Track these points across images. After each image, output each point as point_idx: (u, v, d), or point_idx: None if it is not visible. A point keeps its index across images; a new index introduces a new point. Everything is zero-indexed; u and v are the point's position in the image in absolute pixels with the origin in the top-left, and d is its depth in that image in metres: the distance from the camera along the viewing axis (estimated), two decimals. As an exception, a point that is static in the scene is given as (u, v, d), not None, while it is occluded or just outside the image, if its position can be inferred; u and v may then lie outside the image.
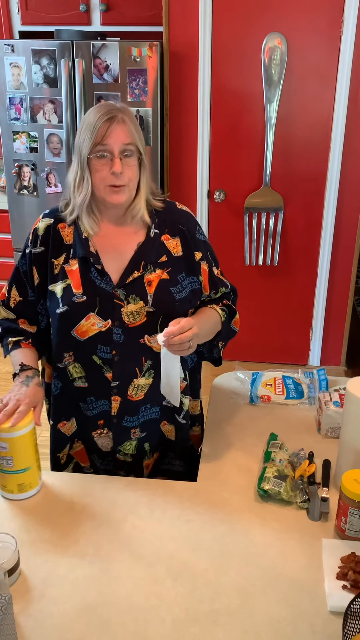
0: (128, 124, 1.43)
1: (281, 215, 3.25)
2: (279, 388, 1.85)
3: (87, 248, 1.51)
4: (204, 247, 1.62)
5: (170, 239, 1.56)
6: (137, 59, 3.06)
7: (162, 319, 1.51)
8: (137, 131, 1.46)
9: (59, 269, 1.53)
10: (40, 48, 3.13)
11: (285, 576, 1.25)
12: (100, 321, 1.50)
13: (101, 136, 1.41)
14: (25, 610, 1.18)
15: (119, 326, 1.51)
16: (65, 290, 1.52)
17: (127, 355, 1.53)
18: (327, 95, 3.06)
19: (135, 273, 1.51)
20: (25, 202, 3.44)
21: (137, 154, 1.46)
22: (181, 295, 1.55)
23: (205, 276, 1.62)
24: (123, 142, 1.42)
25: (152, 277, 1.52)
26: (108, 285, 1.51)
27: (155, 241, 1.54)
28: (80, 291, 1.51)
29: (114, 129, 1.41)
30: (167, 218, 1.57)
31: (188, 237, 1.58)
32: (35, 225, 1.57)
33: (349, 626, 1.07)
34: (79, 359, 1.55)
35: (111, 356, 1.53)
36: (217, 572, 1.26)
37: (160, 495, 1.47)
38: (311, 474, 1.47)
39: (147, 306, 1.51)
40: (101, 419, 1.60)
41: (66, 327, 1.52)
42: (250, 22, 3.00)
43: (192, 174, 3.32)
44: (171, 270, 1.54)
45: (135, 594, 1.21)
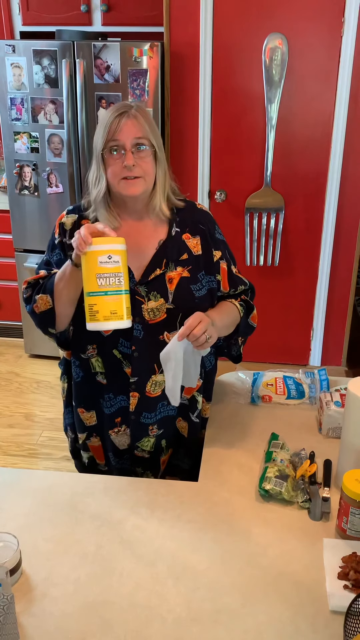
0: (140, 119, 1.46)
1: (282, 216, 3.25)
2: (280, 388, 1.85)
3: None
4: (223, 246, 1.65)
5: (191, 238, 1.58)
6: (138, 59, 3.06)
7: (182, 316, 1.53)
8: (151, 126, 1.48)
9: None
10: (42, 48, 3.13)
11: (286, 576, 1.25)
12: None
13: (113, 131, 1.44)
14: (27, 609, 1.18)
15: (140, 322, 1.53)
16: None
17: (146, 351, 1.55)
18: (328, 96, 3.06)
19: (158, 270, 1.54)
20: (26, 203, 3.44)
21: (150, 148, 1.48)
22: (200, 293, 1.58)
23: (225, 275, 1.64)
24: (135, 135, 1.45)
25: (174, 274, 1.55)
26: (130, 282, 1.50)
27: (176, 239, 1.57)
28: None
29: (125, 124, 1.44)
30: (187, 217, 1.59)
31: (208, 237, 1.60)
32: (59, 220, 1.60)
33: (350, 626, 1.08)
34: (101, 352, 1.57)
35: (131, 351, 1.55)
36: (219, 571, 1.26)
37: (161, 495, 1.47)
38: (312, 474, 1.48)
39: (167, 303, 1.53)
40: (118, 417, 1.62)
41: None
42: (251, 22, 3.00)
43: (193, 174, 3.32)
44: (192, 268, 1.57)
45: (136, 593, 1.21)
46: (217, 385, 1.92)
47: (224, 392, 1.88)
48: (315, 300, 3.47)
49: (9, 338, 4.05)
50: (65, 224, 1.58)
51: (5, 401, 3.36)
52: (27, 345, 3.81)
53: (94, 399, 1.64)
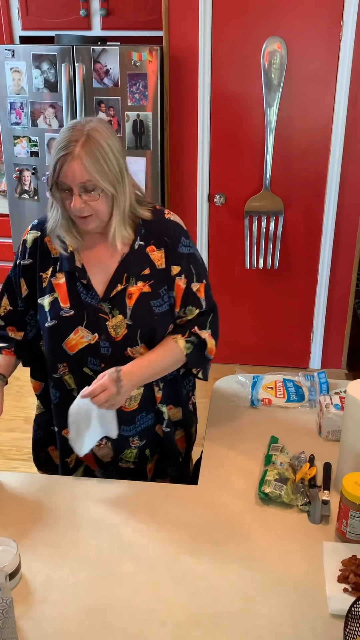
0: (86, 160, 1.33)
1: (281, 219, 3.25)
2: (279, 391, 1.85)
3: (72, 262, 1.50)
4: (185, 260, 1.55)
5: (156, 250, 1.52)
6: (137, 63, 3.07)
7: (141, 332, 1.51)
8: (99, 165, 1.35)
9: (46, 282, 1.53)
10: (41, 53, 3.14)
11: (286, 579, 1.25)
12: (89, 334, 1.51)
13: (58, 173, 1.36)
14: (27, 613, 1.18)
15: (106, 339, 1.51)
16: (52, 304, 1.52)
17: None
18: (327, 99, 3.07)
19: (119, 286, 1.50)
20: (26, 207, 3.45)
21: (98, 190, 1.37)
22: (161, 309, 1.53)
23: (179, 292, 1.55)
24: (80, 181, 1.35)
25: (133, 289, 1.50)
26: (93, 299, 1.50)
27: (139, 253, 1.51)
28: (68, 305, 1.51)
29: (69, 167, 1.34)
30: (153, 229, 1.52)
31: (170, 250, 1.53)
32: (24, 236, 1.57)
33: (350, 629, 1.08)
34: (72, 370, 1.56)
35: (100, 369, 1.52)
36: (218, 575, 1.26)
37: (161, 499, 1.47)
38: (312, 477, 1.48)
39: (126, 319, 1.50)
40: None
41: (56, 340, 1.53)
42: (250, 26, 3.01)
43: (193, 177, 3.33)
44: (153, 282, 1.51)
45: (136, 597, 1.21)
46: (216, 389, 1.92)
47: (223, 395, 1.88)
48: (315, 303, 3.47)
49: (9, 342, 4.04)
50: (27, 242, 1.55)
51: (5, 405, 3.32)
52: (27, 349, 3.81)
53: None
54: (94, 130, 1.36)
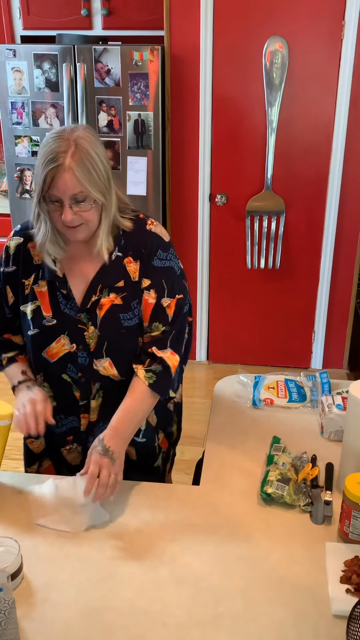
0: (76, 170, 1.30)
1: (283, 219, 3.25)
2: (281, 391, 1.85)
3: (54, 271, 1.48)
4: (158, 274, 1.50)
5: (132, 262, 1.49)
6: (139, 63, 3.07)
7: (107, 344, 1.50)
8: (89, 175, 1.32)
9: (29, 289, 1.51)
10: (42, 52, 3.14)
11: (288, 580, 1.25)
12: (69, 343, 1.51)
13: (47, 185, 1.32)
14: (29, 614, 1.17)
15: (83, 349, 1.51)
16: (35, 312, 1.51)
17: (92, 377, 1.53)
18: (329, 99, 3.07)
19: (93, 297, 1.48)
20: (27, 206, 3.45)
21: (89, 201, 1.35)
22: (130, 323, 1.50)
23: (147, 307, 1.50)
24: (71, 192, 1.32)
25: (105, 301, 1.48)
26: (72, 309, 1.49)
27: (115, 264, 1.48)
28: (50, 314, 1.50)
29: (60, 179, 1.31)
30: (133, 240, 1.49)
31: (144, 263, 1.49)
32: (7, 242, 1.54)
33: (352, 630, 1.07)
34: (49, 378, 1.55)
35: (78, 377, 1.53)
36: (220, 575, 1.26)
37: (163, 499, 1.47)
38: (314, 477, 1.47)
39: (95, 329, 1.49)
40: (70, 435, 1.62)
41: (37, 348, 1.53)
42: (251, 26, 3.00)
43: (194, 177, 3.32)
44: (126, 295, 1.49)
45: (138, 598, 1.21)
46: (218, 389, 1.91)
47: (225, 395, 1.88)
48: (317, 303, 3.47)
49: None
50: (9, 248, 1.52)
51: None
52: (28, 348, 3.81)
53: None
54: (81, 138, 1.32)
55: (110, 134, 3.21)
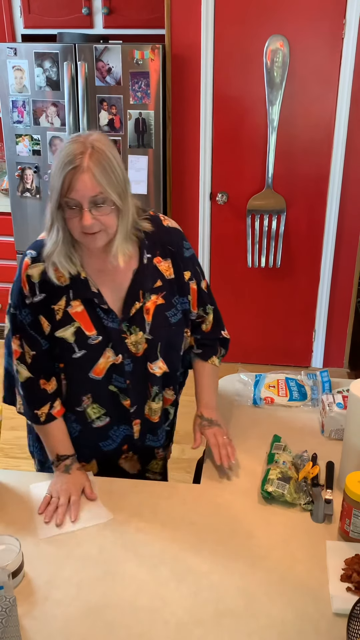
0: (95, 171, 1.28)
1: (283, 217, 3.25)
2: (282, 390, 1.85)
3: (88, 289, 1.45)
4: (191, 263, 1.56)
5: (162, 261, 1.50)
6: (140, 61, 3.07)
7: (161, 345, 1.51)
8: (108, 176, 1.30)
9: (61, 314, 1.45)
10: (43, 51, 3.14)
11: (289, 578, 1.25)
12: (113, 354, 1.49)
13: (66, 189, 1.29)
14: (30, 612, 1.18)
15: (128, 357, 1.50)
16: (77, 334, 1.46)
17: (139, 381, 1.53)
18: (330, 98, 3.06)
19: (137, 304, 1.48)
20: (28, 205, 3.45)
21: (109, 203, 1.32)
22: (176, 319, 1.54)
23: (194, 295, 1.58)
24: (90, 194, 1.29)
25: (149, 304, 1.49)
26: (114, 322, 1.47)
27: (149, 266, 1.48)
28: (94, 332, 1.46)
29: (78, 180, 1.28)
30: (156, 239, 1.49)
31: (177, 258, 1.52)
32: (24, 272, 1.44)
33: (353, 628, 1.07)
34: (97, 397, 1.54)
35: (126, 385, 1.53)
36: (221, 574, 1.26)
37: (164, 497, 1.47)
38: (315, 476, 1.47)
39: (145, 334, 1.49)
40: (125, 444, 1.62)
41: (84, 370, 1.49)
42: (252, 24, 3.00)
43: (195, 176, 3.32)
44: (166, 293, 1.51)
45: (139, 596, 1.21)
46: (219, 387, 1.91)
47: (226, 394, 1.88)
48: (317, 301, 3.47)
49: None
50: (32, 277, 1.44)
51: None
52: (29, 347, 3.81)
53: (92, 446, 1.60)
54: (97, 141, 1.31)
55: (111, 133, 3.21)
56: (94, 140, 1.32)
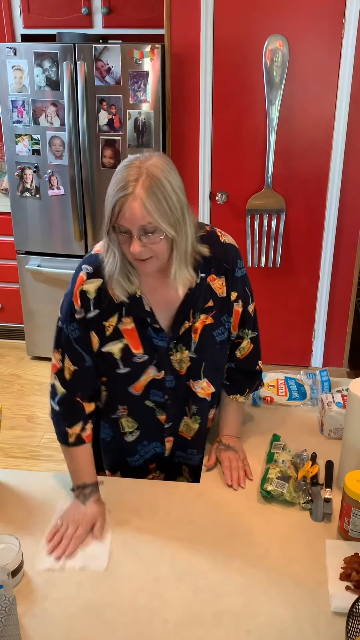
0: (144, 201, 1.22)
1: (283, 217, 3.25)
2: (281, 389, 1.85)
3: (142, 307, 1.41)
4: (241, 284, 1.51)
5: (216, 278, 1.45)
6: (139, 61, 3.07)
7: (205, 365, 1.49)
8: (160, 206, 1.24)
9: (111, 330, 1.42)
10: (42, 51, 3.14)
11: (288, 577, 1.25)
12: (155, 371, 1.47)
13: (116, 215, 1.25)
14: (29, 611, 1.18)
15: (171, 373, 1.48)
16: (124, 351, 1.43)
17: (178, 398, 1.52)
18: (329, 97, 3.06)
19: (186, 323, 1.44)
20: (27, 205, 3.45)
21: (159, 233, 1.26)
22: (222, 337, 1.50)
23: (237, 317, 1.54)
24: (140, 223, 1.24)
25: (198, 324, 1.45)
26: (163, 340, 1.44)
27: (202, 286, 1.44)
28: (141, 351, 1.44)
29: (128, 209, 1.23)
30: (213, 256, 1.43)
31: (230, 276, 1.47)
32: (78, 287, 1.39)
33: (352, 627, 1.08)
34: (133, 411, 1.52)
35: (164, 400, 1.51)
36: (220, 573, 1.26)
37: (163, 497, 1.47)
38: (314, 475, 1.47)
39: (190, 352, 1.47)
40: (153, 462, 1.61)
41: (125, 385, 1.48)
42: (251, 24, 3.00)
43: (194, 175, 3.32)
44: (216, 312, 1.47)
45: (138, 595, 1.21)
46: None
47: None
48: (317, 301, 3.47)
49: (11, 340, 4.05)
50: (88, 292, 1.39)
51: (7, 403, 3.36)
52: (28, 347, 3.82)
53: (121, 457, 1.60)
54: (153, 166, 1.24)
55: (110, 133, 3.21)
56: (151, 165, 1.24)
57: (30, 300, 3.68)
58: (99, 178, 3.29)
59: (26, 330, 3.77)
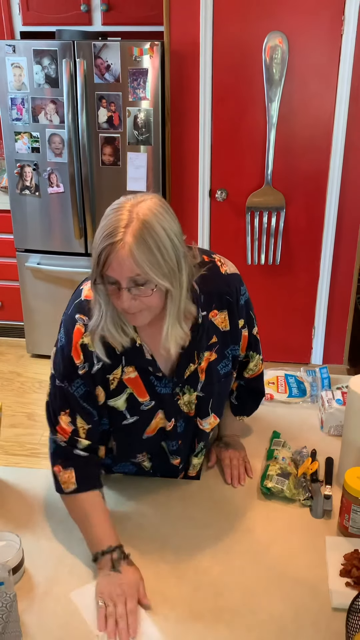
0: (134, 252, 1.10)
1: (283, 214, 3.25)
2: (281, 386, 1.85)
3: (143, 356, 1.31)
4: (245, 310, 1.46)
5: (218, 313, 1.37)
6: (138, 58, 3.06)
7: (212, 401, 1.44)
8: (152, 256, 1.12)
9: (115, 383, 1.33)
10: (42, 48, 3.13)
11: (288, 574, 1.25)
12: (165, 418, 1.40)
13: (102, 264, 1.14)
14: (30, 608, 1.18)
15: (180, 417, 1.42)
16: (129, 401, 1.35)
17: (188, 439, 1.48)
18: (329, 94, 3.06)
19: (191, 366, 1.36)
20: (27, 203, 3.45)
21: (151, 285, 1.16)
22: (226, 370, 1.44)
23: (245, 342, 1.48)
24: (127, 274, 1.13)
25: (203, 363, 1.38)
26: (167, 387, 1.36)
27: (204, 324, 1.34)
28: (147, 398, 1.36)
29: (115, 258, 1.12)
30: (213, 290, 1.34)
31: (234, 307, 1.40)
32: (77, 340, 1.28)
33: (352, 623, 1.08)
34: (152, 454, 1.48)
35: (177, 446, 1.46)
36: (221, 569, 1.26)
37: (163, 493, 1.47)
38: (314, 472, 1.48)
39: (197, 392, 1.40)
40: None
41: (136, 433, 1.40)
42: (251, 21, 2.99)
43: (194, 173, 3.32)
44: (219, 347, 1.40)
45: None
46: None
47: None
48: (317, 298, 3.47)
49: (11, 338, 4.05)
50: (89, 345, 1.28)
51: (8, 401, 3.36)
52: (28, 345, 3.82)
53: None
54: (146, 210, 1.13)
55: (110, 130, 3.21)
56: (143, 209, 1.13)
57: (30, 298, 3.68)
58: (98, 176, 3.28)
59: (26, 328, 3.77)
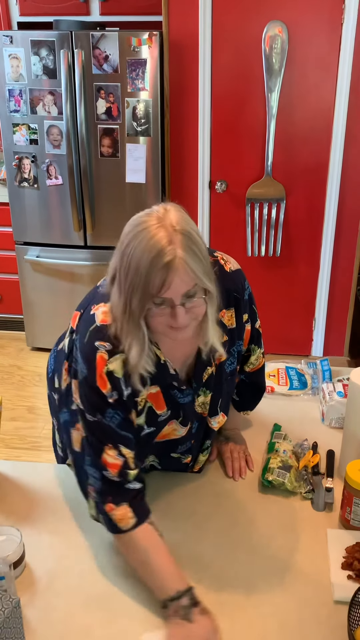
0: (189, 264, 1.08)
1: (283, 206, 3.23)
2: (282, 379, 1.85)
3: (167, 372, 1.29)
4: (249, 304, 1.45)
5: (226, 312, 1.36)
6: (137, 48, 3.04)
7: (222, 400, 1.43)
8: (200, 263, 1.10)
9: (143, 404, 1.29)
10: (39, 39, 3.11)
11: (290, 567, 1.25)
12: (181, 428, 1.38)
13: (158, 289, 1.08)
14: (31, 602, 1.18)
15: (196, 420, 1.41)
16: (148, 414, 1.32)
17: (199, 438, 1.47)
18: (329, 84, 3.04)
19: (209, 369, 1.35)
20: (25, 195, 3.43)
21: (202, 293, 1.15)
22: (232, 367, 1.43)
23: (247, 335, 1.47)
24: (185, 289, 1.10)
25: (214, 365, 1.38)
26: (187, 396, 1.35)
27: None
28: (164, 409, 1.33)
29: (174, 279, 1.08)
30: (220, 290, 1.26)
31: (240, 304, 1.39)
32: (101, 368, 1.20)
33: (354, 616, 1.08)
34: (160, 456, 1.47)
35: (190, 445, 1.45)
36: (222, 563, 1.26)
37: (164, 487, 1.47)
38: (315, 465, 1.47)
39: (211, 392, 1.40)
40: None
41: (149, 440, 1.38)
42: (250, 10, 2.97)
43: (193, 164, 3.30)
44: (227, 346, 1.39)
45: (140, 585, 1.21)
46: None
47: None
48: (317, 290, 3.46)
49: (11, 331, 4.05)
50: (115, 372, 1.21)
51: (8, 394, 3.36)
52: (28, 338, 3.81)
53: None
54: (179, 219, 1.10)
55: (108, 121, 3.19)
56: (176, 220, 1.10)
57: (29, 291, 3.67)
58: (97, 167, 3.27)
59: (26, 321, 3.76)
